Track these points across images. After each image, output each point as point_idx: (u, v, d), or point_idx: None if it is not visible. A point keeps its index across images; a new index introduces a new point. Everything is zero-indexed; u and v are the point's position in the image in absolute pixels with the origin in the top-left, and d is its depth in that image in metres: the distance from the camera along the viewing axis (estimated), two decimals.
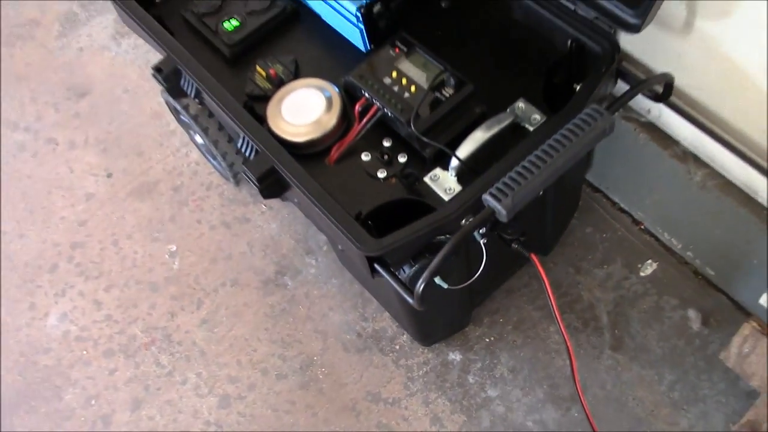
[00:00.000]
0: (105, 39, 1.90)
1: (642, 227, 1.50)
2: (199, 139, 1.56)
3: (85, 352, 1.51)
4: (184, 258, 1.58)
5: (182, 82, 1.23)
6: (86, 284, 1.58)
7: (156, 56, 1.77)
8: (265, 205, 1.62)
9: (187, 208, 1.64)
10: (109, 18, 1.93)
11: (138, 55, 1.86)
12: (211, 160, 1.63)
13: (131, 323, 1.53)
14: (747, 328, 1.19)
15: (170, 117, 1.72)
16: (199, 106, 1.38)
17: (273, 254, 1.57)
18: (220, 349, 1.48)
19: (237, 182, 1.62)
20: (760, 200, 1.22)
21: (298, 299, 1.52)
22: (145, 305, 1.54)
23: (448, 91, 1.14)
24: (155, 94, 1.78)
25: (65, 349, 1.52)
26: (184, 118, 1.45)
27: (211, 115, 1.41)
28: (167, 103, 1.52)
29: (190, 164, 1.69)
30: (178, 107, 1.41)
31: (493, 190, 0.94)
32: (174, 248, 1.60)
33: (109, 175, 1.70)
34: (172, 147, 1.72)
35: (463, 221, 1.02)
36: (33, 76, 1.87)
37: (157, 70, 1.22)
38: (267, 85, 1.22)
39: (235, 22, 1.27)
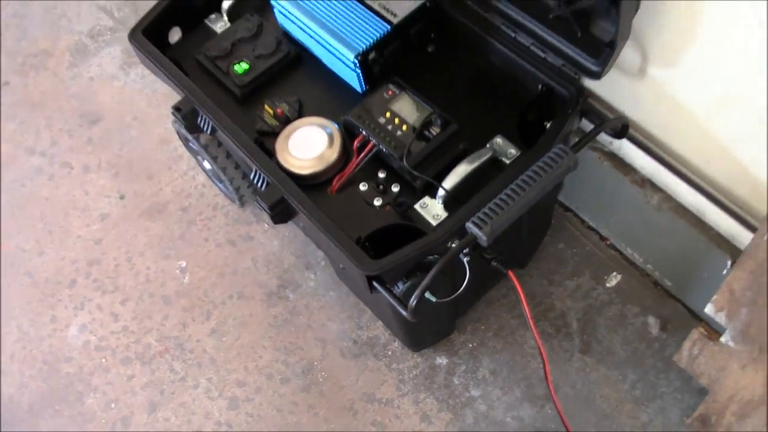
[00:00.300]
0: (114, 69, 1.97)
1: (608, 243, 1.58)
2: (207, 164, 1.63)
3: (104, 360, 1.58)
4: (194, 273, 1.66)
5: (199, 120, 1.32)
6: (103, 298, 1.65)
7: (162, 86, 1.90)
8: (267, 224, 1.70)
9: (195, 227, 1.72)
10: (117, 49, 2.00)
11: (145, 84, 1.94)
12: (218, 183, 1.71)
13: (146, 333, 1.61)
14: (696, 334, 1.22)
15: (177, 142, 1.79)
16: (209, 137, 1.45)
17: (275, 269, 1.64)
18: (228, 356, 1.56)
19: (242, 204, 1.69)
20: (707, 221, 1.32)
21: (299, 310, 1.59)
22: (158, 317, 1.62)
23: (435, 130, 1.23)
24: (162, 121, 1.87)
25: (86, 357, 1.59)
26: (194, 146, 1.53)
27: (219, 144, 1.49)
28: (178, 132, 1.61)
29: (197, 187, 1.77)
30: (189, 137, 1.48)
31: (475, 219, 1.04)
32: (184, 264, 1.68)
33: (122, 197, 1.79)
34: (180, 171, 1.80)
35: (450, 244, 1.12)
36: (47, 104, 1.94)
37: (177, 109, 1.31)
38: (274, 122, 1.31)
39: (244, 65, 1.36)
